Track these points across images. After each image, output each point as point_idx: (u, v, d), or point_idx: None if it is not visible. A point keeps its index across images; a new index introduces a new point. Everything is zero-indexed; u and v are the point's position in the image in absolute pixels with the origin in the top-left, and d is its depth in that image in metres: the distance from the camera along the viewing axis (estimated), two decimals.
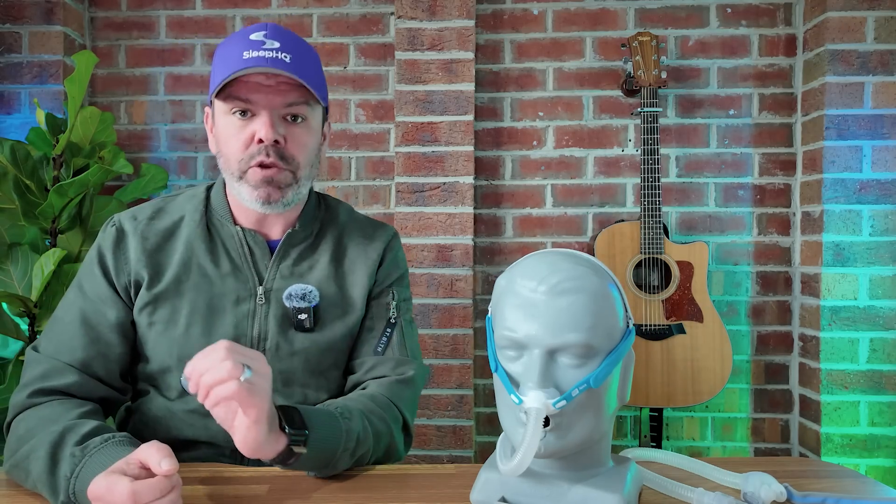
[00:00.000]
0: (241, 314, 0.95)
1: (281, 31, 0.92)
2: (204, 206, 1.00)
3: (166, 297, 0.94)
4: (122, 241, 0.96)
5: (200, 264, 0.95)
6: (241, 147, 0.92)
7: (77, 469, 0.73)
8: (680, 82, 2.15)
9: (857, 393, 1.97)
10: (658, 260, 1.89)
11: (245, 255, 0.97)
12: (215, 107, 0.94)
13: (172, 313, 0.93)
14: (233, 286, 0.95)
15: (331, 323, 0.98)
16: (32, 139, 1.83)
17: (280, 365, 0.95)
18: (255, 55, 0.88)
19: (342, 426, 0.81)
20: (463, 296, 2.03)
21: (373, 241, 1.06)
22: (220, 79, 0.88)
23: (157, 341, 0.93)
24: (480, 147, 2.18)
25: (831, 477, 0.84)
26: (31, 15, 2.07)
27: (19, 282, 1.65)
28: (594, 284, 0.67)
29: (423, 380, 1.03)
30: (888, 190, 1.97)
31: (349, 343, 1.01)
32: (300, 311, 0.96)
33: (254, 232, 0.98)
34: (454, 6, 2.02)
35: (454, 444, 2.03)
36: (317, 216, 1.05)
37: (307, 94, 0.93)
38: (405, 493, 0.80)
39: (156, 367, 0.94)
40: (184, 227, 0.98)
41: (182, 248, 0.96)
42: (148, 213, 0.99)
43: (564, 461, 0.70)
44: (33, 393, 0.86)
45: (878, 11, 1.96)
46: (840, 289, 1.98)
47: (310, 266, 1.00)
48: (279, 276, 0.98)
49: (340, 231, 1.05)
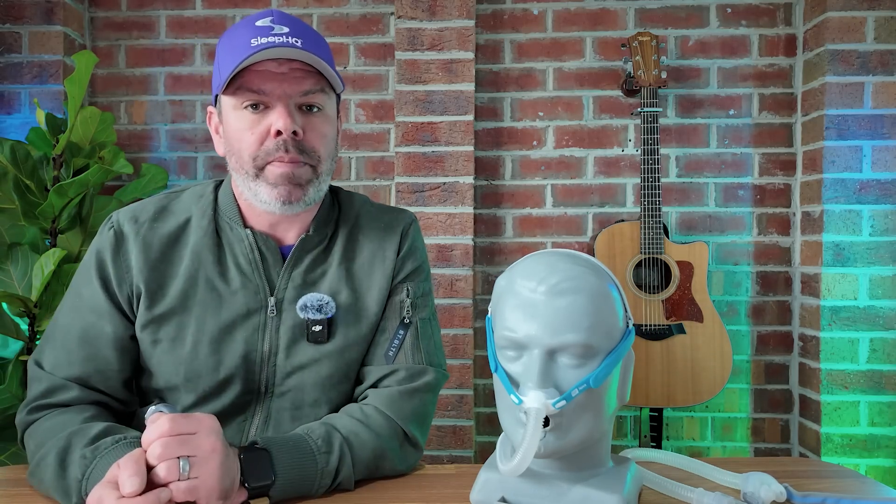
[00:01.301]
0: (252, 328, 0.89)
1: (288, 17, 0.85)
2: (212, 209, 0.93)
3: (172, 313, 0.88)
4: (123, 247, 0.89)
5: (208, 277, 0.89)
6: (257, 143, 0.84)
7: (88, 470, 0.72)
8: (680, 82, 2.15)
9: (857, 393, 1.97)
10: (658, 260, 1.89)
11: (255, 262, 0.90)
12: (222, 104, 0.87)
13: (178, 331, 0.88)
14: (242, 298, 0.89)
15: (344, 332, 0.92)
16: (32, 139, 1.83)
17: (290, 380, 0.90)
18: (265, 41, 0.81)
19: (318, 464, 0.77)
20: (463, 296, 2.03)
21: (389, 234, 0.98)
22: (229, 70, 0.81)
23: (161, 360, 0.88)
24: (480, 147, 2.18)
25: (831, 477, 0.83)
26: (31, 15, 2.07)
27: (19, 282, 1.65)
28: (594, 284, 0.67)
29: (438, 385, 0.95)
30: (888, 190, 1.97)
31: (361, 351, 0.94)
32: (315, 322, 0.90)
33: (266, 236, 0.91)
34: (454, 6, 2.02)
35: (454, 444, 2.03)
36: (331, 217, 0.97)
37: (322, 81, 0.86)
38: (405, 493, 0.80)
39: (162, 383, 0.89)
40: (190, 233, 0.91)
41: (189, 259, 0.90)
42: (150, 214, 0.92)
43: (564, 461, 0.70)
44: (35, 409, 0.84)
45: (878, 11, 1.96)
46: (840, 289, 1.98)
47: (322, 272, 0.93)
48: (291, 285, 0.91)
49: (352, 226, 0.97)
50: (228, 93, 0.84)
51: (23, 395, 1.57)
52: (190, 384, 0.88)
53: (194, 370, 0.87)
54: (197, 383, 0.87)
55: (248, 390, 0.89)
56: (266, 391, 0.90)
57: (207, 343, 0.87)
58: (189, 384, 0.88)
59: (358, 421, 0.85)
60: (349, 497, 0.78)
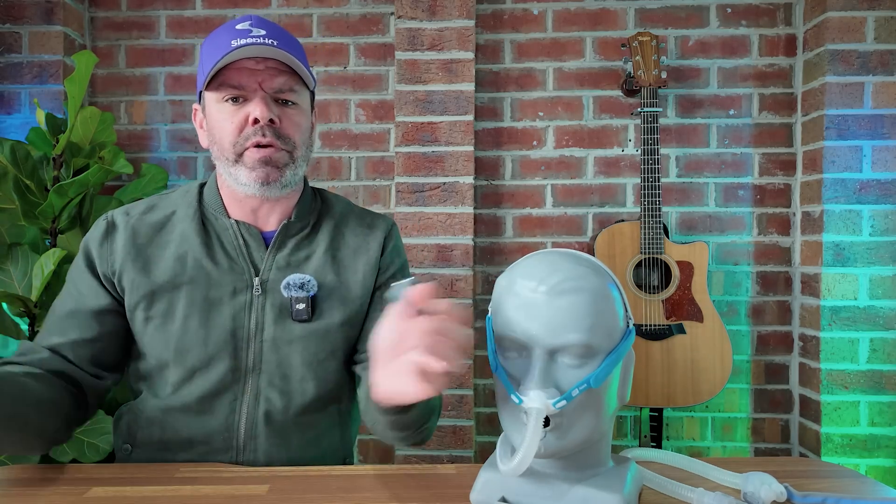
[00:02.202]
0: (238, 306, 0.95)
1: (265, 22, 0.94)
2: (197, 202, 1.01)
3: (162, 291, 0.94)
4: (111, 234, 0.97)
5: (196, 258, 0.95)
6: (236, 130, 0.92)
7: None
8: (680, 82, 2.15)
9: (857, 393, 1.97)
10: (658, 260, 1.89)
11: (240, 248, 0.97)
12: (206, 99, 0.95)
13: (169, 307, 0.94)
14: (229, 278, 0.95)
15: (328, 312, 0.98)
16: (32, 139, 1.83)
17: (277, 356, 0.95)
18: (244, 41, 0.89)
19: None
20: (463, 296, 2.03)
21: (372, 231, 1.05)
22: (211, 67, 0.89)
23: (153, 336, 0.93)
24: (480, 147, 2.18)
25: (831, 477, 0.84)
26: (31, 15, 2.07)
27: (19, 282, 1.65)
28: (594, 284, 0.67)
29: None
30: (888, 190, 1.97)
31: (347, 333, 1.00)
32: (298, 300, 0.95)
33: (247, 224, 0.98)
34: (454, 6, 2.02)
35: (454, 444, 2.03)
36: (313, 207, 1.05)
37: (296, 79, 0.94)
38: (405, 493, 0.80)
39: (153, 362, 0.94)
40: (177, 221, 0.99)
41: (176, 242, 0.97)
42: (141, 209, 1.00)
43: (564, 461, 0.70)
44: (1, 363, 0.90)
45: (878, 11, 1.96)
46: (840, 289, 1.98)
47: (307, 256, 1.00)
48: (275, 266, 0.97)
49: (338, 221, 1.05)
50: (211, 89, 0.92)
51: None
52: (180, 358, 0.93)
53: (184, 343, 0.92)
54: (186, 357, 0.93)
55: (236, 367, 0.94)
56: (253, 368, 0.95)
57: (197, 316, 0.93)
58: (179, 358, 0.93)
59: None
60: (350, 497, 0.79)
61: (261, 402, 0.95)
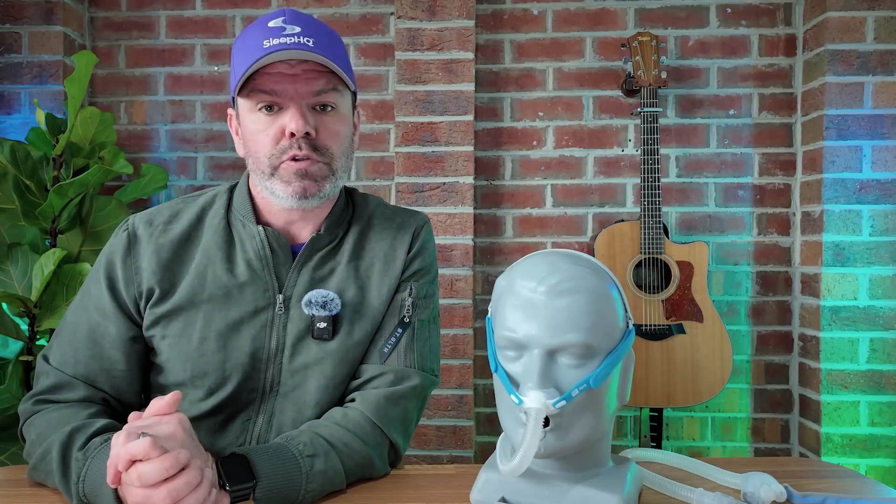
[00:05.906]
0: (259, 325, 0.89)
1: (300, 15, 0.86)
2: (225, 208, 0.95)
3: (180, 309, 0.89)
4: (135, 248, 0.91)
5: (217, 274, 0.90)
6: (271, 143, 0.86)
7: (83, 472, 0.73)
8: (680, 82, 2.15)
9: (857, 393, 1.97)
10: (658, 260, 1.89)
11: (266, 258, 0.91)
12: (239, 106, 0.89)
13: (185, 327, 0.88)
14: (251, 295, 0.89)
15: (348, 329, 0.91)
16: (32, 139, 1.83)
17: (294, 379, 0.90)
18: (276, 42, 0.82)
19: (302, 468, 0.76)
20: (463, 296, 2.03)
21: (400, 233, 0.98)
22: (242, 72, 0.83)
23: (169, 356, 0.89)
24: (480, 147, 2.18)
25: (831, 477, 0.84)
26: (31, 15, 2.07)
27: (19, 282, 1.65)
28: (594, 285, 0.67)
29: (425, 390, 0.94)
30: (888, 190, 1.97)
31: (364, 349, 0.93)
32: (320, 319, 0.89)
33: (278, 233, 0.92)
34: (454, 6, 2.02)
35: (454, 445, 2.03)
36: (343, 217, 0.98)
37: (335, 80, 0.87)
38: (405, 493, 0.80)
39: (171, 379, 0.90)
40: (201, 232, 0.93)
41: (198, 256, 0.91)
42: (165, 217, 0.94)
43: (564, 461, 0.70)
44: (40, 401, 0.86)
45: (878, 11, 1.96)
46: (840, 289, 1.98)
47: (331, 270, 0.93)
48: (300, 282, 0.91)
49: (363, 227, 0.98)
50: (243, 95, 0.86)
51: (23, 395, 1.57)
52: (197, 380, 0.89)
53: (200, 366, 0.88)
54: (203, 380, 0.88)
55: (253, 388, 0.90)
56: (270, 390, 0.91)
57: (214, 339, 0.88)
58: (196, 380, 0.89)
59: (343, 428, 0.84)
60: (350, 497, 0.78)
61: (273, 424, 0.90)
